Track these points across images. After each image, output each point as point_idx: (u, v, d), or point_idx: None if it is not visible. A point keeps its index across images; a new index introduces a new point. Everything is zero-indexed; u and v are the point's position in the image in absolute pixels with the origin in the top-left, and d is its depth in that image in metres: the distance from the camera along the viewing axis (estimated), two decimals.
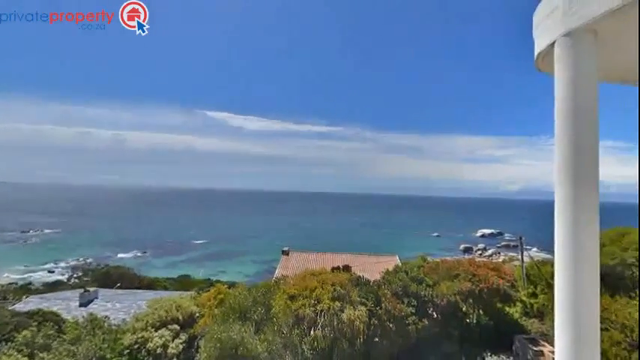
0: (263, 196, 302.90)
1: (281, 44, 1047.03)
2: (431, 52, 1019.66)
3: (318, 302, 9.00)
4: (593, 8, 1.71)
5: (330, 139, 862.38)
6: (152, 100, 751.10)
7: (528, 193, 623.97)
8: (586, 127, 1.83)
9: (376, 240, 69.43)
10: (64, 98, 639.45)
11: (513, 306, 12.81)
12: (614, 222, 13.56)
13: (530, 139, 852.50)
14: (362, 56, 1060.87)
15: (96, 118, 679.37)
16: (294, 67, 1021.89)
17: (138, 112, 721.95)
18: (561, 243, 1.86)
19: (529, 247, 21.85)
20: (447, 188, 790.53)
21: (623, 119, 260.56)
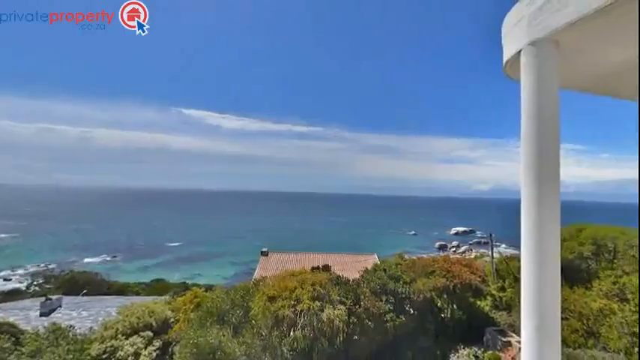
0: (241, 197, 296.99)
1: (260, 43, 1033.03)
2: (408, 56, 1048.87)
3: (297, 302, 8.97)
4: (555, 20, 1.84)
5: (309, 140, 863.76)
6: (124, 97, 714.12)
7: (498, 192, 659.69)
8: (548, 131, 1.96)
9: (356, 239, 70.23)
10: (23, 92, 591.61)
11: (484, 300, 13.48)
12: (572, 219, 14.65)
13: (500, 142, 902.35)
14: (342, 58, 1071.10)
15: (61, 114, 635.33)
16: (273, 67, 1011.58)
17: (108, 108, 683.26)
18: (527, 239, 1.99)
19: (498, 243, 23.05)
20: (424, 188, 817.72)
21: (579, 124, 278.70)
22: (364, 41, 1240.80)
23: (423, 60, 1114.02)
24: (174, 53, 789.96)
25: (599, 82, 2.46)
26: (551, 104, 1.98)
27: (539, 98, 1.97)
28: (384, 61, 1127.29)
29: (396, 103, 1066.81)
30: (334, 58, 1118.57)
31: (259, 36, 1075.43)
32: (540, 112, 1.96)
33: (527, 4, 2.05)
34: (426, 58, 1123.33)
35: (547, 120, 1.96)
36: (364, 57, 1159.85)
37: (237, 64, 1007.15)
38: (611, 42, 1.95)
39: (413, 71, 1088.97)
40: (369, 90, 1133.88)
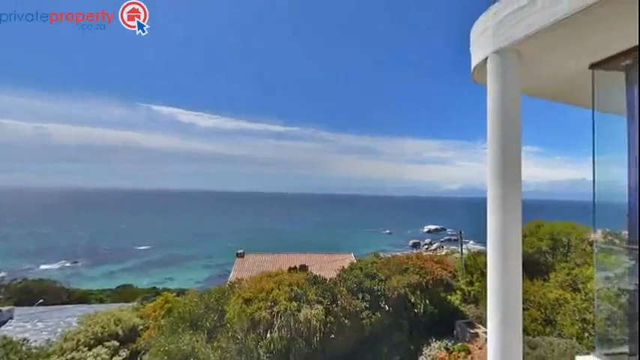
0: (216, 197, 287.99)
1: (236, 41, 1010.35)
2: (383, 59, 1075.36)
3: (274, 304, 8.88)
4: (516, 31, 1.98)
5: (286, 139, 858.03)
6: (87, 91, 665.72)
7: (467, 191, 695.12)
8: (511, 134, 2.10)
9: (333, 239, 70.70)
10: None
11: (454, 294, 14.11)
12: (532, 216, 15.75)
13: (468, 144, 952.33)
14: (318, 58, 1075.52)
15: (12, 107, 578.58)
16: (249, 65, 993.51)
17: (65, 102, 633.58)
18: (492, 236, 2.12)
19: (467, 240, 24.31)
20: (398, 187, 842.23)
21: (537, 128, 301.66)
22: (341, 43, 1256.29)
23: (396, 63, 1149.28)
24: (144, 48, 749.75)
25: (556, 89, 2.68)
26: (514, 109, 2.12)
27: (503, 103, 2.10)
28: (360, 63, 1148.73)
29: (371, 104, 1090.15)
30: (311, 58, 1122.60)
31: (234, 33, 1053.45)
32: (504, 116, 2.10)
33: (491, 15, 2.18)
34: (399, 61, 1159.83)
35: (510, 124, 2.10)
36: (340, 58, 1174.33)
37: (211, 62, 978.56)
38: (567, 54, 2.13)
39: (386, 73, 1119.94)
40: (345, 91, 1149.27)
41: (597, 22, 1.71)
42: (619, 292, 2.43)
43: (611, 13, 1.61)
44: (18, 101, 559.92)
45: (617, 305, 2.44)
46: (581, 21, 1.69)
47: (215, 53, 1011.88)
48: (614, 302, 2.51)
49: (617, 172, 2.14)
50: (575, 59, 2.17)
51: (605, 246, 3.06)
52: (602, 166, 2.23)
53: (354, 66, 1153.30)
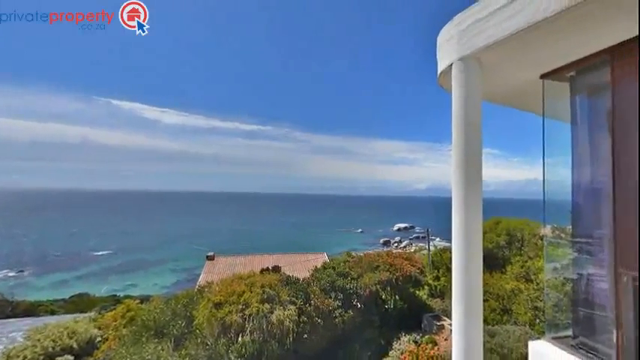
0: (184, 198, 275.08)
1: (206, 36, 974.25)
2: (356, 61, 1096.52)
3: (246, 307, 8.69)
4: (477, 41, 2.12)
5: (258, 139, 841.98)
6: (37, 82, 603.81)
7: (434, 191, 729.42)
8: (473, 137, 2.24)
9: (306, 239, 70.64)
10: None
11: (422, 289, 14.76)
12: (491, 213, 16.91)
13: (435, 145, 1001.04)
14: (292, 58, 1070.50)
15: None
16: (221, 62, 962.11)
17: (13, 94, 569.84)
18: (456, 232, 2.24)
19: (434, 237, 25.53)
20: (370, 187, 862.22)
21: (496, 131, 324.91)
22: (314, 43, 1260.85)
23: (368, 64, 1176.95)
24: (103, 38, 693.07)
25: (513, 97, 2.90)
26: (476, 114, 2.26)
27: (466, 108, 2.23)
28: (333, 64, 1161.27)
29: (344, 104, 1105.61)
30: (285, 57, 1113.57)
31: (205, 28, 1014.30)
32: (467, 120, 2.23)
33: (456, 24, 2.31)
34: (371, 63, 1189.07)
35: (472, 128, 2.24)
36: (314, 58, 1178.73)
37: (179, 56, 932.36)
38: (521, 64, 2.31)
39: (359, 74, 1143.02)
40: (318, 91, 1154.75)
41: (546, 37, 1.88)
42: (565, 281, 2.69)
43: (557, 28, 1.78)
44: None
45: (563, 293, 2.70)
46: (532, 35, 1.85)
47: (183, 48, 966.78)
48: (561, 290, 2.78)
49: (563, 173, 2.37)
50: (528, 69, 2.37)
51: (553, 240, 3.37)
52: (551, 167, 2.46)
53: (328, 66, 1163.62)
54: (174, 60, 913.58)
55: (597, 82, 2.10)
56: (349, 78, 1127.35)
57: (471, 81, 2.22)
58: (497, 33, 1.97)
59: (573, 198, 2.31)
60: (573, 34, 1.85)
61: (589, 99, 2.23)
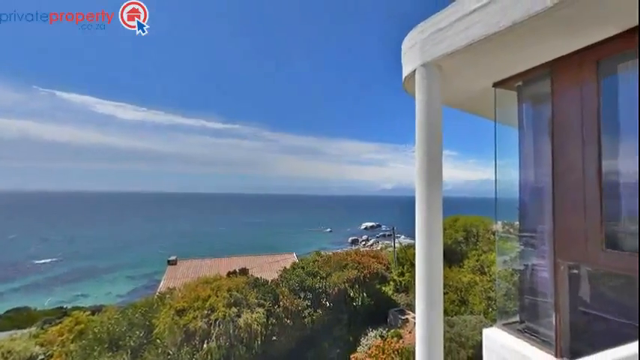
0: (144, 199, 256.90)
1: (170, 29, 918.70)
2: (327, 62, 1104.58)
3: (212, 311, 8.36)
4: (437, 49, 2.25)
5: (226, 137, 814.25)
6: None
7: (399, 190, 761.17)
8: (434, 139, 2.37)
9: (275, 239, 69.66)
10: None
11: (388, 285, 15.31)
12: (450, 211, 18.03)
13: (400, 147, 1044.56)
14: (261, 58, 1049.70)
15: None
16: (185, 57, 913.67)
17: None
18: (419, 230, 2.36)
19: (399, 235, 26.60)
20: (339, 187, 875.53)
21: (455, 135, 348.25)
22: (284, 44, 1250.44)
23: (337, 66, 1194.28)
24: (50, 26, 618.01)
25: (469, 103, 3.11)
26: (437, 118, 2.40)
27: (428, 112, 2.36)
28: (303, 64, 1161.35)
29: (314, 105, 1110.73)
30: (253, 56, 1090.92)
31: (166, 21, 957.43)
32: (429, 123, 2.35)
33: (419, 32, 2.43)
34: (340, 64, 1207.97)
35: (433, 130, 2.37)
36: (284, 59, 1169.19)
37: (137, 49, 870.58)
38: (477, 73, 2.49)
39: (328, 75, 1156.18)
40: (288, 90, 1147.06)
41: (498, 49, 2.05)
42: (513, 272, 2.95)
43: (507, 42, 1.95)
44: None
45: (511, 283, 2.96)
46: (486, 46, 2.01)
47: (143, 40, 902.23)
48: (510, 281, 3.05)
49: (512, 174, 2.60)
50: (482, 78, 2.56)
51: (503, 234, 3.68)
52: (502, 168, 2.69)
53: (298, 67, 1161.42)
54: (132, 53, 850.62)
55: (540, 92, 2.34)
56: (318, 79, 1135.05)
57: (432, 86, 2.35)
58: (456, 42, 2.10)
59: (520, 196, 2.54)
60: (520, 48, 2.05)
61: (533, 107, 2.47)
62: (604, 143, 1.92)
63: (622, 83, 1.93)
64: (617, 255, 1.86)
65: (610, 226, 1.91)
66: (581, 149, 2.01)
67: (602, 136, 1.92)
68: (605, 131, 1.92)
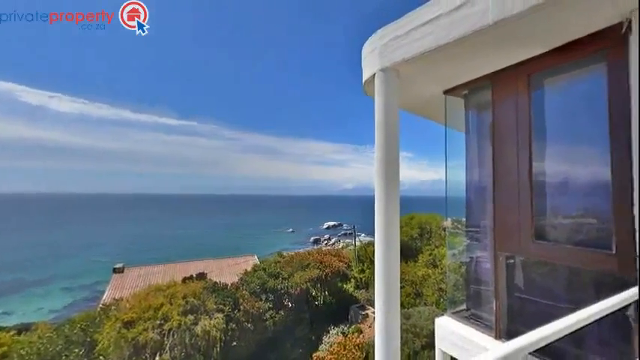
0: (85, 201, 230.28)
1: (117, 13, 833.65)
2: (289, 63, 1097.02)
3: (165, 321, 7.81)
4: (395, 55, 2.36)
5: (182, 135, 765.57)
6: None
7: (359, 190, 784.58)
8: (392, 141, 2.48)
9: (236, 241, 67.26)
10: None
11: (349, 282, 15.70)
12: (406, 209, 19.10)
13: (360, 147, 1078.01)
14: (221, 53, 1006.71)
15: None
16: (133, 47, 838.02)
17: None
18: (378, 228, 2.45)
19: (360, 233, 27.44)
20: (301, 187, 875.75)
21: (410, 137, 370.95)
22: (246, 41, 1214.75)
23: (300, 66, 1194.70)
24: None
25: (423, 107, 3.32)
26: (394, 120, 2.52)
27: (386, 115, 2.46)
28: (265, 63, 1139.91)
29: (276, 104, 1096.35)
30: (214, 50, 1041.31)
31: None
32: (387, 126, 2.46)
33: (378, 37, 2.53)
34: (303, 65, 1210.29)
35: (391, 133, 2.48)
36: (245, 56, 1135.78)
37: (77, 34, 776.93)
38: (430, 80, 2.67)
39: (291, 76, 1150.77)
40: (250, 88, 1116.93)
41: (448, 59, 2.22)
42: (460, 264, 3.22)
43: (456, 53, 2.12)
44: None
45: (459, 274, 3.23)
46: (438, 56, 2.16)
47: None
48: (458, 272, 3.32)
49: (460, 174, 2.83)
50: (435, 85, 2.75)
51: (452, 230, 3.99)
52: (451, 169, 2.92)
53: (259, 65, 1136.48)
54: (71, 38, 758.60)
55: (483, 101, 2.58)
56: (280, 78, 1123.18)
57: (391, 91, 2.46)
58: (412, 50, 2.23)
59: (467, 195, 2.78)
60: (467, 60, 2.24)
61: (477, 114, 2.72)
62: (534, 148, 2.18)
63: (548, 96, 2.21)
64: (545, 245, 2.13)
65: (539, 221, 2.17)
66: (516, 153, 2.26)
67: (533, 142, 2.19)
68: (536, 138, 2.19)
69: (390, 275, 2.42)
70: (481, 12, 1.83)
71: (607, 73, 1.83)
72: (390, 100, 2.46)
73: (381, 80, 2.47)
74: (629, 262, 1.65)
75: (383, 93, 2.46)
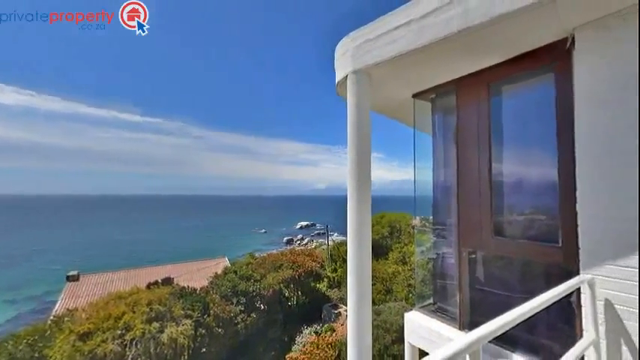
0: (34, 203, 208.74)
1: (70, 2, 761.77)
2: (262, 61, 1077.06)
3: (127, 330, 7.32)
4: (367, 58, 2.42)
5: (146, 132, 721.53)
6: None
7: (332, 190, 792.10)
8: (364, 142, 2.54)
9: (206, 244, 64.63)
10: None
11: (322, 282, 15.79)
12: (377, 208, 19.62)
13: (333, 148, 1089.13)
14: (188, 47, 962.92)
15: None
16: (96, 36, 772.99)
17: None
18: (350, 227, 2.50)
19: (332, 232, 27.72)
20: (274, 187, 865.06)
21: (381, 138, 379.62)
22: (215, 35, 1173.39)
23: (273, 66, 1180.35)
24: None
25: (393, 110, 3.43)
26: (366, 121, 2.57)
27: (359, 116, 2.52)
28: (235, 60, 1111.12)
29: (247, 103, 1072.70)
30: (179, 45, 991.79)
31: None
32: (359, 127, 2.51)
33: (351, 40, 2.57)
34: (275, 65, 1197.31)
35: (363, 133, 2.53)
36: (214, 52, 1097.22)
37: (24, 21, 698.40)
38: (400, 83, 2.76)
39: (263, 75, 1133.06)
40: (220, 86, 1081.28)
41: (416, 64, 2.31)
42: (428, 260, 3.38)
43: (423, 59, 2.22)
44: None
45: (427, 270, 3.38)
46: (406, 60, 2.25)
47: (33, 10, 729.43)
48: (425, 268, 3.47)
49: (428, 175, 2.96)
50: (404, 88, 2.86)
51: (420, 228, 4.17)
52: (419, 170, 3.05)
53: (229, 62, 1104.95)
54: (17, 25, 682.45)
55: (448, 105, 2.73)
56: (252, 77, 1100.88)
57: (362, 92, 2.52)
58: (383, 54, 2.30)
59: (434, 194, 2.92)
60: (434, 66, 2.35)
61: (443, 117, 2.87)
62: (493, 151, 2.35)
63: (505, 102, 2.39)
64: (502, 241, 2.30)
65: (497, 218, 2.34)
66: (477, 155, 2.42)
67: (492, 145, 2.35)
68: (494, 141, 2.35)
69: (362, 273, 2.47)
70: (446, 21, 1.93)
71: (555, 83, 2.02)
72: (361, 102, 2.51)
73: (353, 82, 2.51)
74: (572, 254, 1.83)
75: (355, 94, 2.51)
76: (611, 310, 1.66)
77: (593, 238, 1.72)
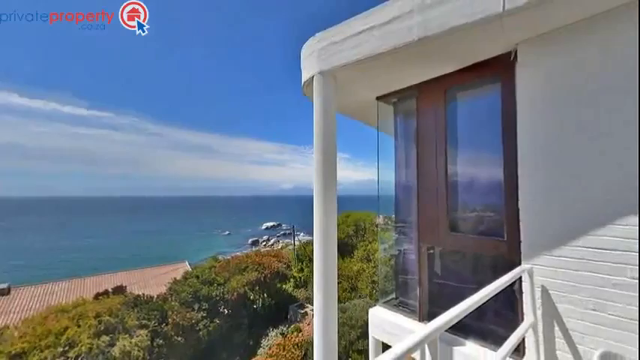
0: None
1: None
2: (223, 57, 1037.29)
3: (71, 347, 6.61)
4: (333, 60, 2.45)
5: (93, 127, 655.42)
6: None
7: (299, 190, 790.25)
8: (330, 142, 2.57)
9: (162, 249, 60.64)
10: None
11: (288, 282, 15.68)
12: (343, 208, 20.00)
13: (299, 148, 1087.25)
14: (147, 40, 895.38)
15: None
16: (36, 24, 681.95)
17: None
18: (317, 227, 2.51)
19: (299, 232, 27.67)
20: (238, 187, 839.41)
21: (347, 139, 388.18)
22: (175, 28, 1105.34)
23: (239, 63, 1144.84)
24: None
25: (358, 112, 3.51)
26: (332, 122, 2.61)
27: (325, 117, 2.54)
28: (197, 55, 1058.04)
29: (209, 100, 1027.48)
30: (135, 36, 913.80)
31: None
32: (325, 127, 2.54)
33: (317, 41, 2.59)
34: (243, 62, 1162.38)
35: (329, 134, 2.56)
36: (172, 44, 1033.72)
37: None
38: (364, 85, 2.84)
39: (228, 73, 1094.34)
40: (179, 80, 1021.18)
41: (379, 68, 2.40)
42: (390, 257, 3.52)
43: (385, 63, 2.31)
44: None
45: (389, 266, 3.52)
46: (370, 64, 2.32)
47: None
48: (388, 264, 3.62)
49: (390, 175, 3.09)
50: (368, 91, 2.95)
51: (384, 226, 4.33)
52: (383, 170, 3.16)
53: (189, 56, 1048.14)
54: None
55: (409, 109, 2.87)
56: (214, 72, 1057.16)
57: (328, 94, 2.55)
58: (348, 57, 2.35)
59: (395, 193, 3.05)
60: (396, 70, 2.46)
61: (404, 120, 3.01)
62: (449, 153, 2.52)
63: (460, 108, 2.58)
64: (457, 236, 2.47)
65: (452, 215, 2.52)
66: (435, 157, 2.58)
67: (448, 148, 2.52)
68: (450, 144, 2.52)
69: (329, 272, 2.50)
70: (408, 28, 2.03)
71: (501, 92, 2.22)
72: (327, 103, 2.54)
73: (319, 83, 2.53)
74: (515, 247, 2.03)
75: (321, 95, 2.53)
76: (547, 295, 1.88)
77: (532, 232, 1.93)
